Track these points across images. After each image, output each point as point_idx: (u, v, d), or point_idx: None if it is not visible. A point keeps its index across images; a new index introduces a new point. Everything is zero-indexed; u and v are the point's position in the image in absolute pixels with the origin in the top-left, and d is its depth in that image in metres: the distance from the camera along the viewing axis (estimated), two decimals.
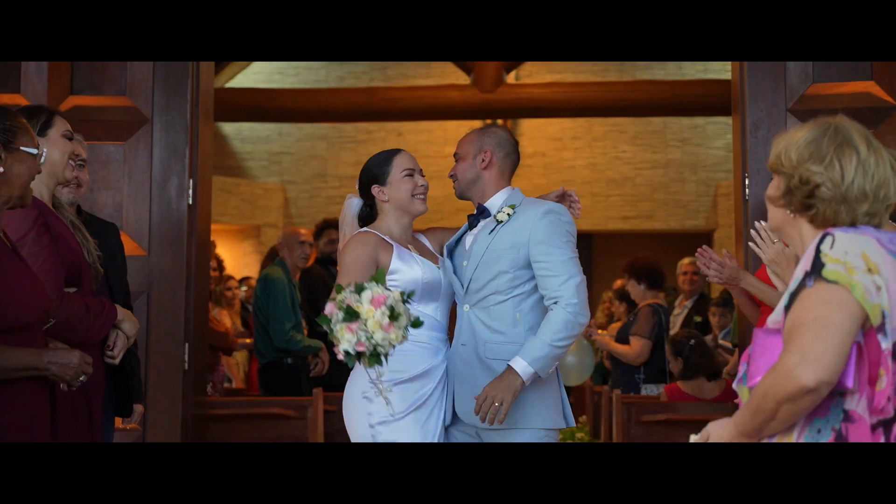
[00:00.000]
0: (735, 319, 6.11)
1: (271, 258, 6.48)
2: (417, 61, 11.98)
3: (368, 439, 3.07)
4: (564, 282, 3.06)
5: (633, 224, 12.35)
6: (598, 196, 12.36)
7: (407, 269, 3.18)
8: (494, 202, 3.26)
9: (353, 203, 3.36)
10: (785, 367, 1.89)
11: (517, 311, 3.14)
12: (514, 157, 3.32)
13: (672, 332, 6.26)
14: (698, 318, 6.78)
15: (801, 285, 1.96)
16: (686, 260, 7.10)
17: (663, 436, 4.93)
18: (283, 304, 5.85)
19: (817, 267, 1.94)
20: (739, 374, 2.12)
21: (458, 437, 3.21)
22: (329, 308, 2.69)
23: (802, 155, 2.06)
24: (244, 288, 8.07)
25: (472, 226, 3.30)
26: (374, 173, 3.28)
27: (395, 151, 3.33)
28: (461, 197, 3.34)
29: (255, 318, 6.05)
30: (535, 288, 3.15)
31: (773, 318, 2.04)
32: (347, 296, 2.67)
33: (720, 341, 6.56)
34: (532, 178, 12.09)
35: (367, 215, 3.33)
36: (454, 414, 3.18)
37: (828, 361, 1.87)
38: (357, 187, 3.35)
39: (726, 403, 5.02)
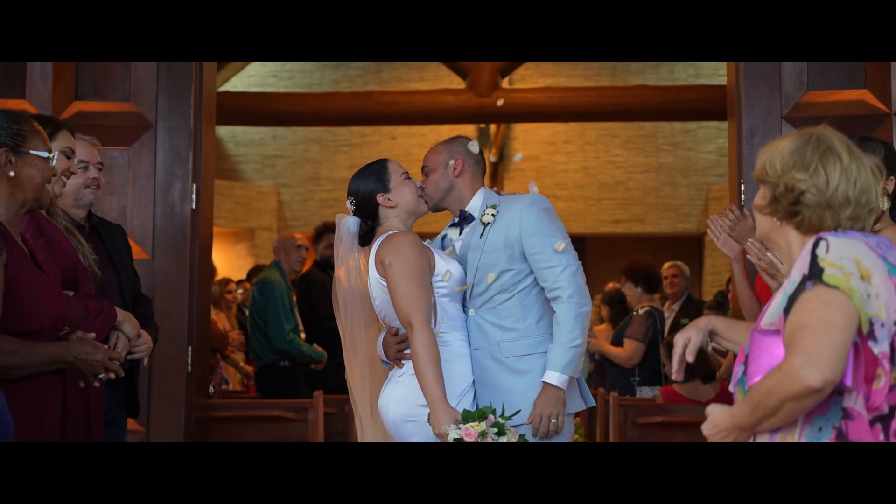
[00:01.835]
0: None
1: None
2: (413, 65, 12.03)
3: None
4: (561, 272, 3.15)
5: (625, 227, 12.42)
6: (591, 200, 12.44)
7: (452, 269, 3.21)
8: (475, 205, 3.32)
9: (350, 222, 3.30)
10: (791, 368, 1.95)
11: (524, 304, 3.21)
12: (482, 163, 3.39)
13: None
14: (685, 321, 6.84)
15: (801, 288, 2.02)
16: (666, 264, 7.17)
17: (659, 438, 4.98)
18: (282, 306, 5.91)
19: (816, 271, 2.00)
20: (737, 376, 2.18)
21: None
22: (469, 435, 2.89)
23: (787, 164, 2.13)
24: (240, 291, 8.11)
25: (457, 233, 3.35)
26: (374, 184, 3.25)
27: (384, 160, 3.33)
28: (435, 209, 3.37)
29: (253, 321, 6.10)
30: (537, 279, 3.23)
31: (768, 320, 2.10)
32: (489, 434, 2.90)
33: (715, 345, 6.61)
34: (525, 182, 12.08)
35: (368, 230, 3.28)
36: None
37: (832, 362, 1.93)
38: (351, 204, 3.28)
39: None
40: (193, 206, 4.50)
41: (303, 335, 6.21)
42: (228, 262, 11.56)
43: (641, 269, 6.36)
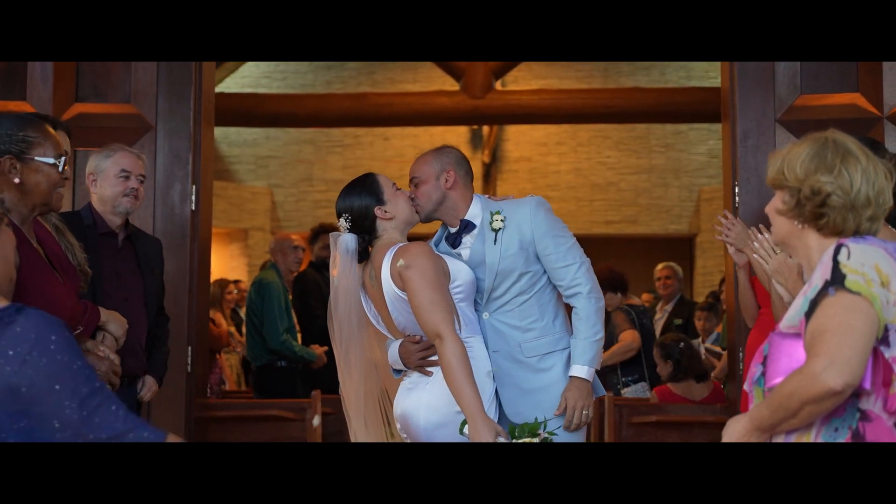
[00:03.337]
0: (725, 323, 6.24)
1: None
2: (406, 67, 12.04)
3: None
4: (577, 270, 3.28)
5: (617, 228, 12.47)
6: (583, 201, 12.48)
7: (463, 271, 3.24)
8: (474, 213, 3.34)
9: (348, 239, 3.20)
10: (813, 371, 2.00)
11: (540, 304, 3.30)
12: (471, 172, 3.44)
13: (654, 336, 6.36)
14: (678, 321, 6.89)
15: (823, 293, 2.06)
16: (660, 265, 7.21)
17: (654, 437, 5.02)
18: (278, 307, 5.94)
19: (838, 277, 2.05)
20: (755, 376, 2.22)
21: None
22: None
23: (809, 168, 2.17)
24: (234, 291, 8.16)
25: (456, 243, 3.35)
26: (369, 198, 3.20)
27: (371, 174, 3.31)
28: (427, 220, 3.36)
29: (249, 321, 6.13)
30: (549, 278, 3.32)
31: (788, 323, 2.15)
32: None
33: (709, 346, 6.68)
34: (517, 183, 12.20)
35: (366, 247, 3.23)
36: (501, 415, 3.25)
37: (853, 366, 1.98)
38: (346, 222, 3.21)
39: (714, 405, 5.13)
40: (193, 208, 4.53)
41: (299, 336, 6.25)
42: (222, 262, 11.57)
43: (609, 277, 6.24)
